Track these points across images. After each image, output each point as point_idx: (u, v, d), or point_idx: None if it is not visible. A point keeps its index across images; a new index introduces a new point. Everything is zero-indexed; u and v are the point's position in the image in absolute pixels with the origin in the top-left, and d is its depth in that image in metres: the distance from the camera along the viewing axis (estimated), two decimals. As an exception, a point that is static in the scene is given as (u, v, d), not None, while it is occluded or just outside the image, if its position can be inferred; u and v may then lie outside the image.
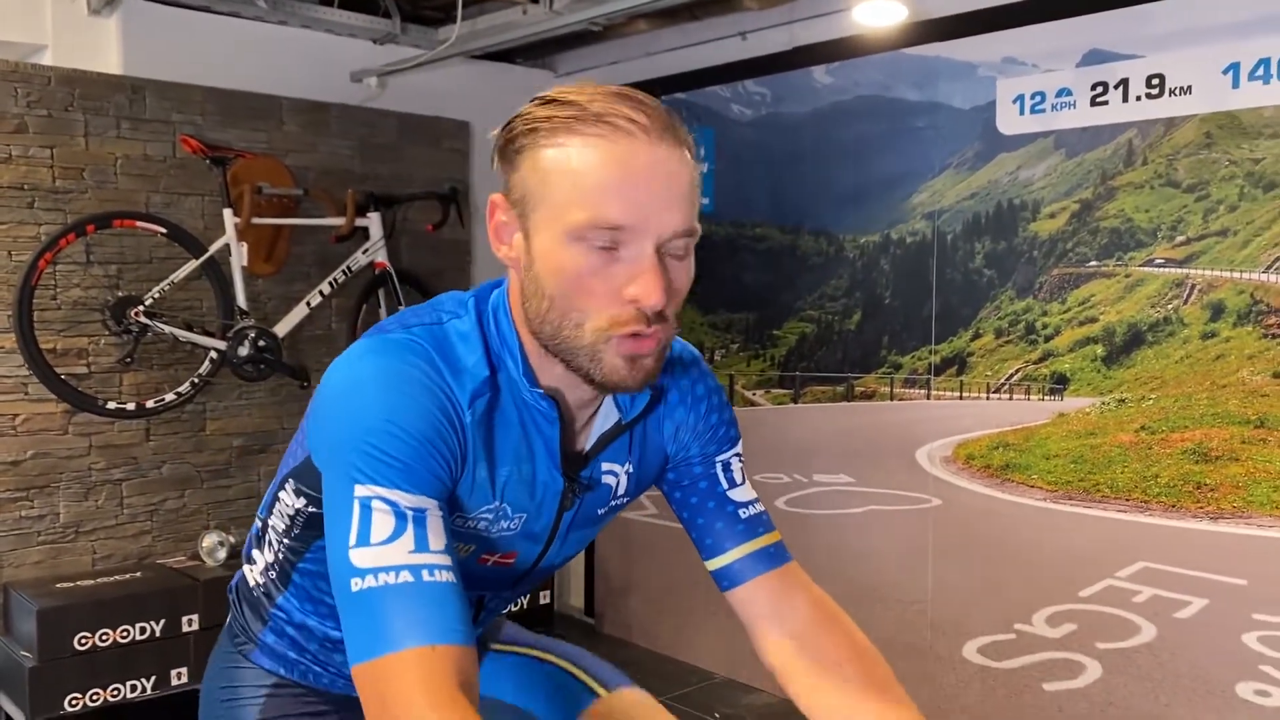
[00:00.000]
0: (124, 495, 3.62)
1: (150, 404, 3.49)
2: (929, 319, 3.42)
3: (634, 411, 1.18)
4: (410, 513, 0.97)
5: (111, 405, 3.41)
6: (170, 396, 3.53)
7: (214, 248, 3.50)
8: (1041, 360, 3.17)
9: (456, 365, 1.06)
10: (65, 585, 3.33)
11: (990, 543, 3.27)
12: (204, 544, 3.60)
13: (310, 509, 1.15)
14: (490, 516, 1.12)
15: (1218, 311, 2.81)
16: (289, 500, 1.18)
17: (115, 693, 3.24)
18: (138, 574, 3.49)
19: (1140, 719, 2.91)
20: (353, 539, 0.95)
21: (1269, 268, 2.71)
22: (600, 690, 1.41)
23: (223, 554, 3.60)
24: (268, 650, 1.30)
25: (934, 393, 3.43)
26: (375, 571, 0.93)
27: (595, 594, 4.59)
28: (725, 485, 1.24)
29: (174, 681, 3.35)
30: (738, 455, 1.28)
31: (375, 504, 0.96)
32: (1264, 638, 2.72)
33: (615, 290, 1.00)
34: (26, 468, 3.42)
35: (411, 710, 0.88)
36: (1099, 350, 3.04)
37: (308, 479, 1.12)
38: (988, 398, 3.29)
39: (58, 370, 3.35)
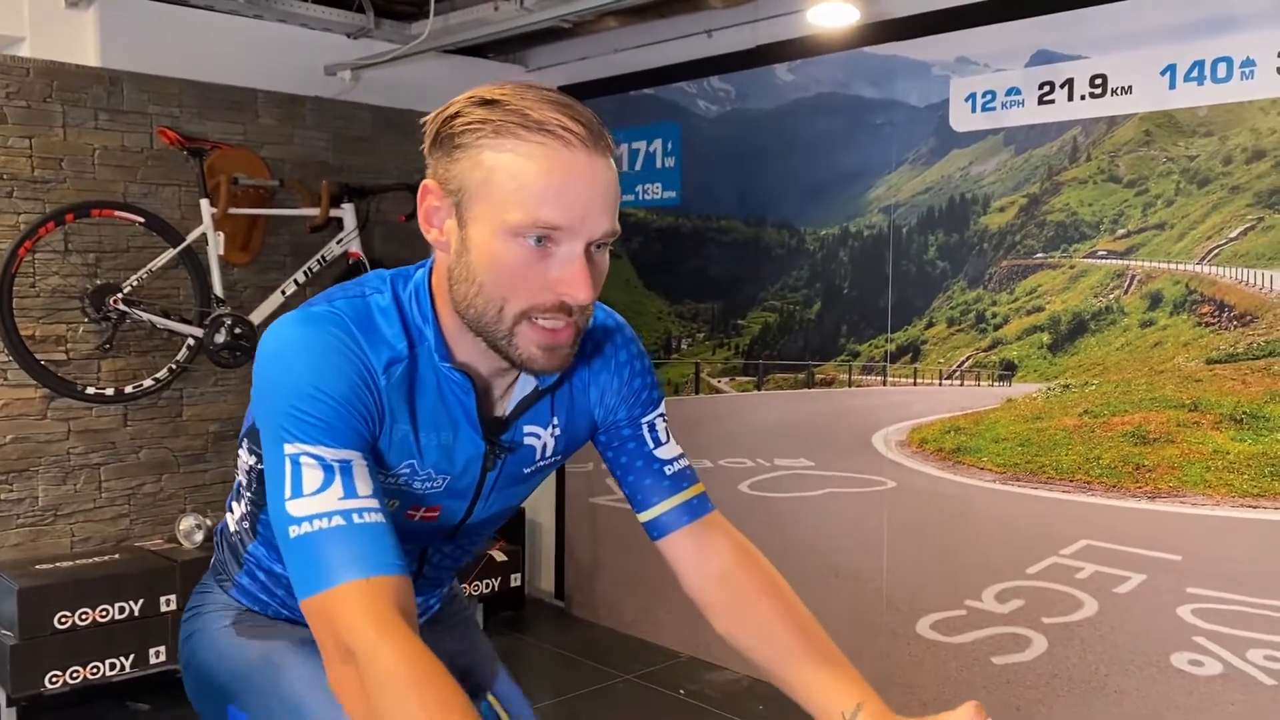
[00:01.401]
0: (102, 479, 3.70)
1: (128, 390, 3.57)
2: (885, 309, 3.55)
3: (550, 379, 1.27)
4: (336, 464, 1.07)
5: (90, 390, 3.49)
6: (148, 382, 3.62)
7: (191, 237, 3.58)
8: (991, 348, 3.31)
9: (373, 335, 1.15)
10: (45, 566, 3.41)
11: (942, 523, 3.41)
12: (181, 527, 3.69)
13: (260, 467, 1.24)
14: (408, 472, 1.21)
15: (1156, 301, 2.95)
16: (245, 459, 1.30)
17: (95, 671, 3.32)
18: (116, 556, 3.57)
19: (1083, 689, 3.06)
20: (287, 491, 1.06)
21: (1203, 259, 2.85)
22: None
23: (199, 536, 3.68)
24: (242, 589, 1.40)
25: (890, 379, 3.57)
26: (310, 519, 1.04)
27: (565, 578, 4.70)
28: (651, 444, 1.34)
29: (152, 660, 3.43)
30: (662, 416, 1.37)
31: (304, 459, 1.06)
32: (1197, 610, 2.87)
33: (545, 283, 1.10)
34: (6, 452, 3.49)
35: (357, 634, 0.98)
36: (1045, 338, 3.19)
37: (257, 439, 1.21)
38: (940, 384, 3.43)
39: (37, 356, 3.42)
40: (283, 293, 3.80)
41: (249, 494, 1.33)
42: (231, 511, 1.42)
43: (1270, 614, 2.73)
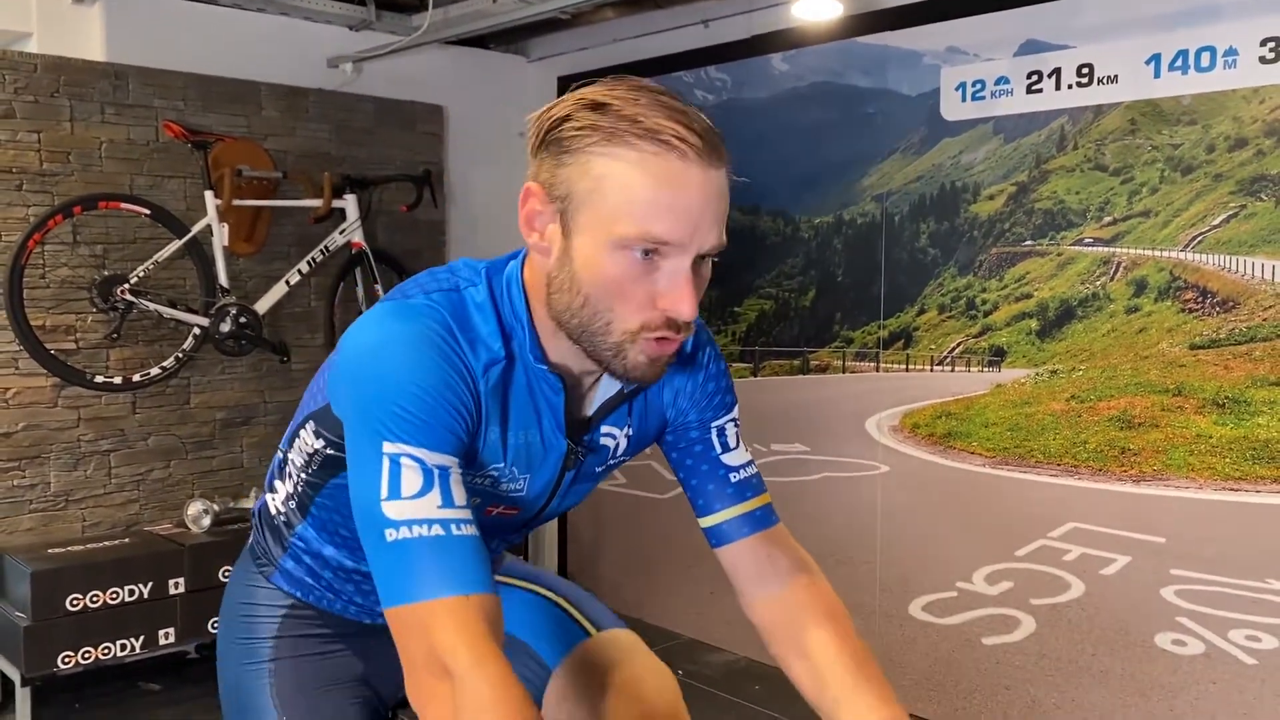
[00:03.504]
0: (112, 465, 3.78)
1: (136, 378, 3.65)
2: (878, 296, 3.60)
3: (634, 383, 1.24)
4: (436, 470, 1.04)
5: (99, 379, 3.57)
6: (155, 371, 3.69)
7: (196, 228, 3.65)
8: (981, 334, 3.35)
9: (472, 334, 1.12)
10: (57, 550, 3.50)
11: (934, 506, 3.47)
12: (189, 512, 3.77)
13: (328, 451, 1.23)
14: (496, 474, 1.19)
15: (1141, 288, 3.00)
16: (308, 440, 1.26)
17: (106, 651, 3.40)
18: (126, 540, 3.66)
19: (1069, 669, 3.12)
20: (384, 492, 1.02)
21: (1187, 246, 2.90)
22: (591, 629, 1.50)
23: (207, 521, 3.76)
24: (285, 574, 1.40)
25: (883, 365, 3.62)
26: (409, 524, 1.01)
27: (568, 562, 4.78)
28: (719, 450, 1.30)
29: (161, 641, 3.52)
30: (733, 420, 1.33)
31: (404, 460, 1.03)
32: (1180, 591, 2.92)
33: (649, 298, 1.06)
34: (18, 439, 3.57)
35: (456, 656, 0.97)
36: (1033, 324, 3.23)
37: (327, 424, 1.20)
38: (932, 370, 3.48)
39: (47, 346, 3.50)
40: (287, 283, 3.87)
41: (304, 476, 1.30)
42: (274, 491, 1.39)
43: (1250, 594, 2.78)
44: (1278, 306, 2.73)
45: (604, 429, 1.26)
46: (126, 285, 3.54)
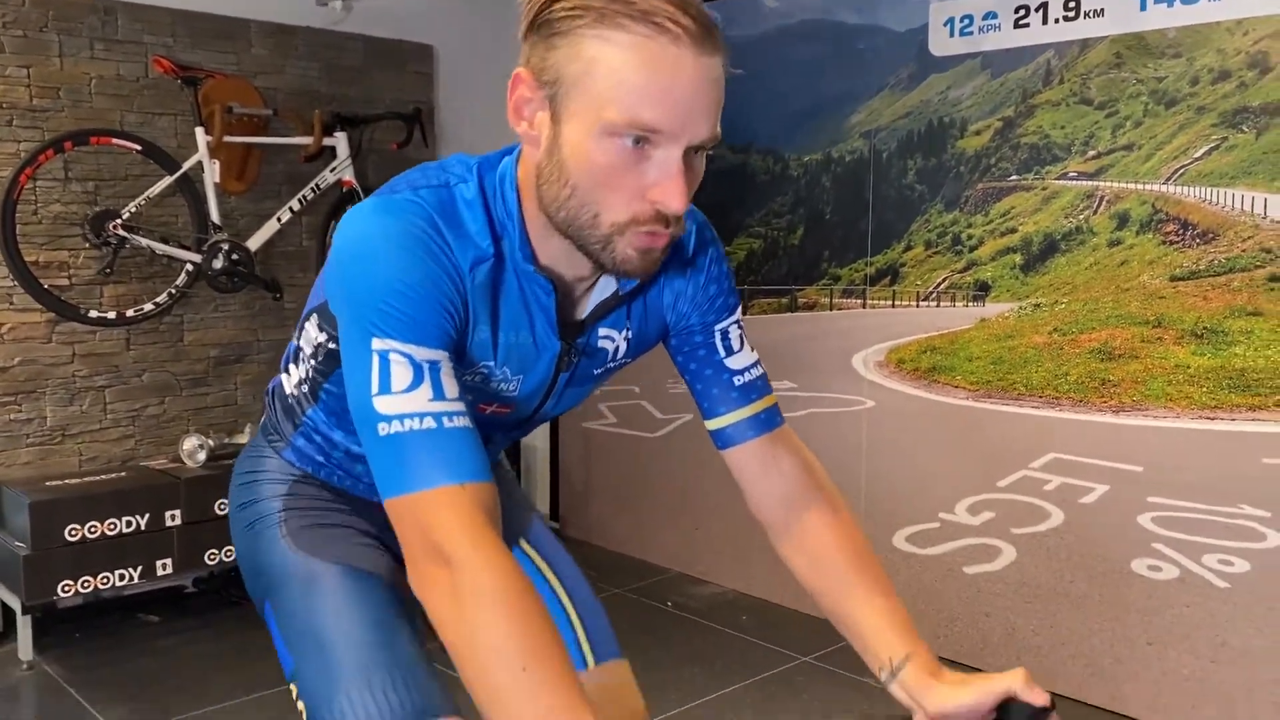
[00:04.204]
0: (107, 401, 3.82)
1: (130, 313, 3.68)
2: (865, 233, 3.63)
3: (630, 284, 1.22)
4: (425, 365, 1.04)
5: (93, 314, 3.60)
6: (149, 307, 3.72)
7: (187, 164, 3.67)
8: (966, 269, 3.39)
9: (459, 231, 1.10)
10: (54, 483, 3.55)
11: (918, 440, 3.53)
12: (184, 447, 3.81)
13: (330, 344, 1.25)
14: (486, 373, 1.19)
15: (1123, 221, 3.03)
16: (313, 332, 1.29)
17: (105, 581, 3.47)
18: (122, 474, 3.71)
19: (1048, 595, 3.19)
20: (375, 387, 1.02)
21: (1169, 179, 2.93)
22: (590, 659, 1.48)
23: (202, 456, 3.81)
24: (297, 451, 1.42)
25: (869, 302, 3.66)
26: (400, 418, 1.01)
27: (559, 501, 4.85)
28: (722, 353, 1.28)
29: (159, 572, 3.59)
30: (736, 323, 1.31)
31: (393, 356, 1.03)
32: (1157, 518, 2.99)
33: (639, 188, 1.04)
34: (14, 374, 3.61)
35: (454, 542, 0.98)
36: (1017, 259, 3.27)
37: (327, 319, 1.21)
38: (918, 305, 3.53)
39: (41, 281, 3.53)
40: (278, 220, 3.89)
41: (313, 364, 1.32)
42: (288, 373, 1.41)
43: (1223, 520, 2.85)
44: (1256, 238, 2.78)
45: (601, 331, 1.25)
46: (119, 220, 3.56)
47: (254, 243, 3.81)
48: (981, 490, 3.36)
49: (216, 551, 3.68)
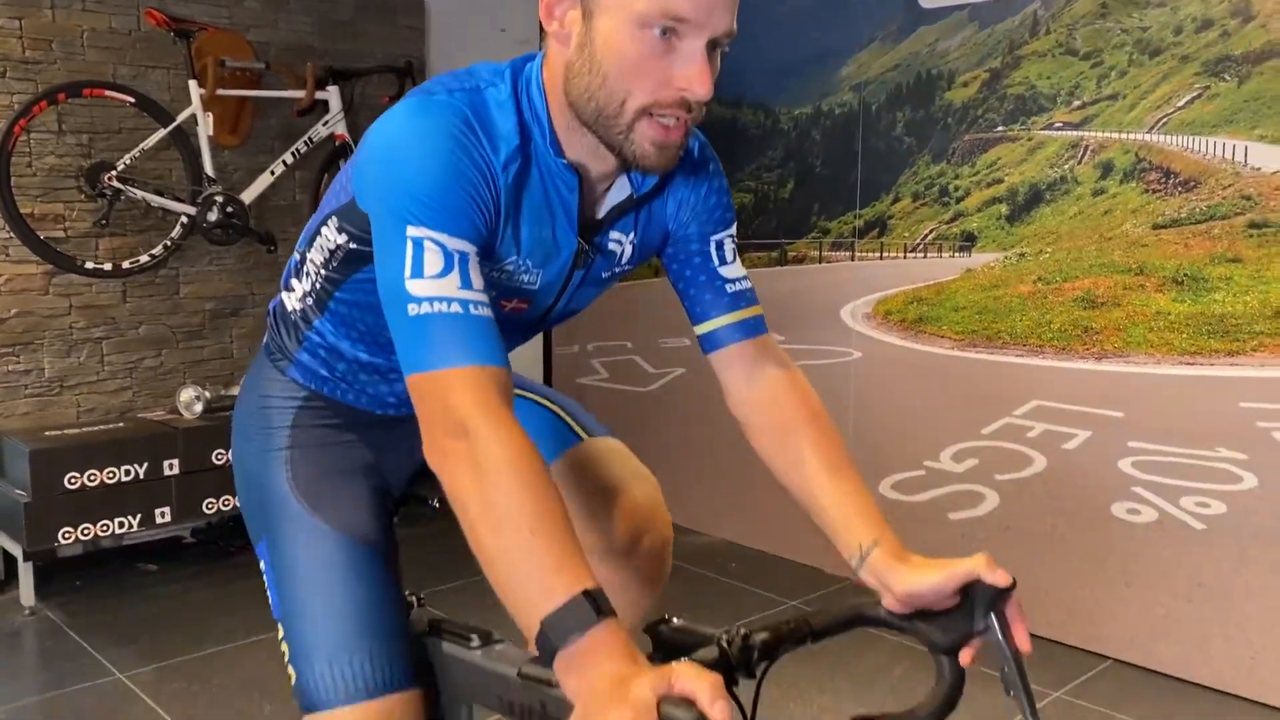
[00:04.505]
0: (104, 353, 3.86)
1: (126, 265, 3.72)
2: (855, 185, 3.67)
3: (645, 188, 1.30)
4: (456, 254, 1.10)
5: (90, 265, 3.64)
6: (145, 259, 3.76)
7: (181, 117, 3.69)
8: (953, 220, 3.44)
9: (492, 130, 1.17)
10: (53, 433, 3.60)
11: (904, 390, 3.58)
12: (181, 398, 3.86)
13: (351, 245, 1.28)
14: (511, 268, 1.25)
15: (1107, 170, 3.07)
16: (331, 236, 1.32)
17: (105, 529, 3.52)
18: (120, 424, 3.76)
19: (1031, 539, 3.26)
20: (408, 271, 1.08)
21: (1152, 128, 2.97)
22: (583, 435, 1.59)
23: (199, 408, 3.86)
24: (301, 367, 1.46)
25: (858, 255, 3.71)
26: (430, 300, 1.07)
27: (552, 454, 4.90)
28: (717, 262, 1.36)
29: (158, 520, 3.64)
30: (731, 236, 1.40)
31: (427, 243, 1.09)
32: (1137, 463, 3.05)
33: (666, 77, 1.11)
34: (11, 325, 3.65)
35: (469, 416, 1.03)
36: (1003, 209, 3.31)
37: (352, 219, 1.25)
38: (905, 257, 3.57)
39: (38, 233, 3.55)
40: (271, 173, 3.91)
41: (326, 271, 1.36)
42: (290, 290, 1.45)
43: (1201, 463, 2.91)
44: (1236, 185, 2.82)
45: (612, 234, 1.32)
46: (114, 172, 3.58)
47: (248, 196, 3.84)
48: (966, 438, 3.42)
49: (214, 501, 3.74)
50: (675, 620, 1.03)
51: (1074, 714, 2.78)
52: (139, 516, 3.59)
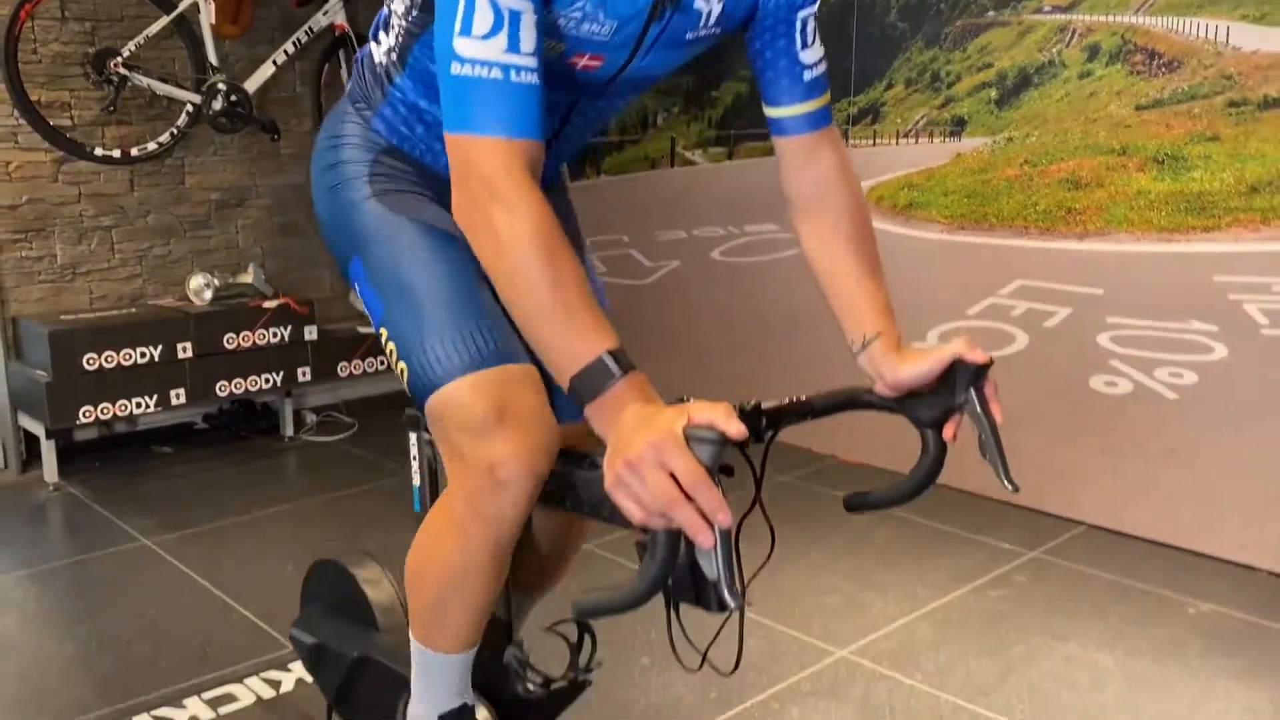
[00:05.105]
0: (114, 241, 3.95)
1: (134, 152, 3.79)
2: (849, 72, 3.74)
3: None
4: (507, 12, 1.08)
5: (99, 152, 3.71)
6: (152, 146, 3.83)
7: (183, 4, 3.72)
8: (944, 105, 3.52)
9: None
10: (69, 317, 3.71)
11: (893, 274, 3.63)
12: (191, 285, 3.96)
13: None
14: (579, 16, 1.20)
15: (1094, 53, 3.15)
16: None
17: (123, 409, 3.66)
18: (133, 310, 3.87)
19: (1011, 416, 3.37)
20: (458, 27, 1.08)
21: (1138, 10, 3.04)
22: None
23: (209, 294, 3.96)
24: (383, 119, 1.47)
25: (852, 142, 3.79)
26: (474, 62, 1.07)
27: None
28: (799, 44, 1.34)
29: (173, 402, 3.78)
30: (814, 15, 1.36)
31: (479, 0, 1.08)
32: (1114, 337, 3.19)
33: None
34: (23, 212, 3.73)
35: (495, 184, 1.06)
36: (993, 94, 3.40)
37: None
38: (897, 143, 3.66)
39: (47, 119, 3.62)
40: (274, 63, 3.96)
41: (405, 23, 1.35)
42: (378, 42, 1.45)
43: (1175, 335, 3.05)
44: (1217, 65, 2.91)
45: None
46: (119, 59, 3.63)
47: (251, 85, 3.90)
48: (952, 318, 3.55)
49: (226, 384, 3.87)
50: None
51: (1048, 570, 2.96)
52: (155, 397, 3.72)
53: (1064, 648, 2.53)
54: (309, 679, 2.36)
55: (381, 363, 4.29)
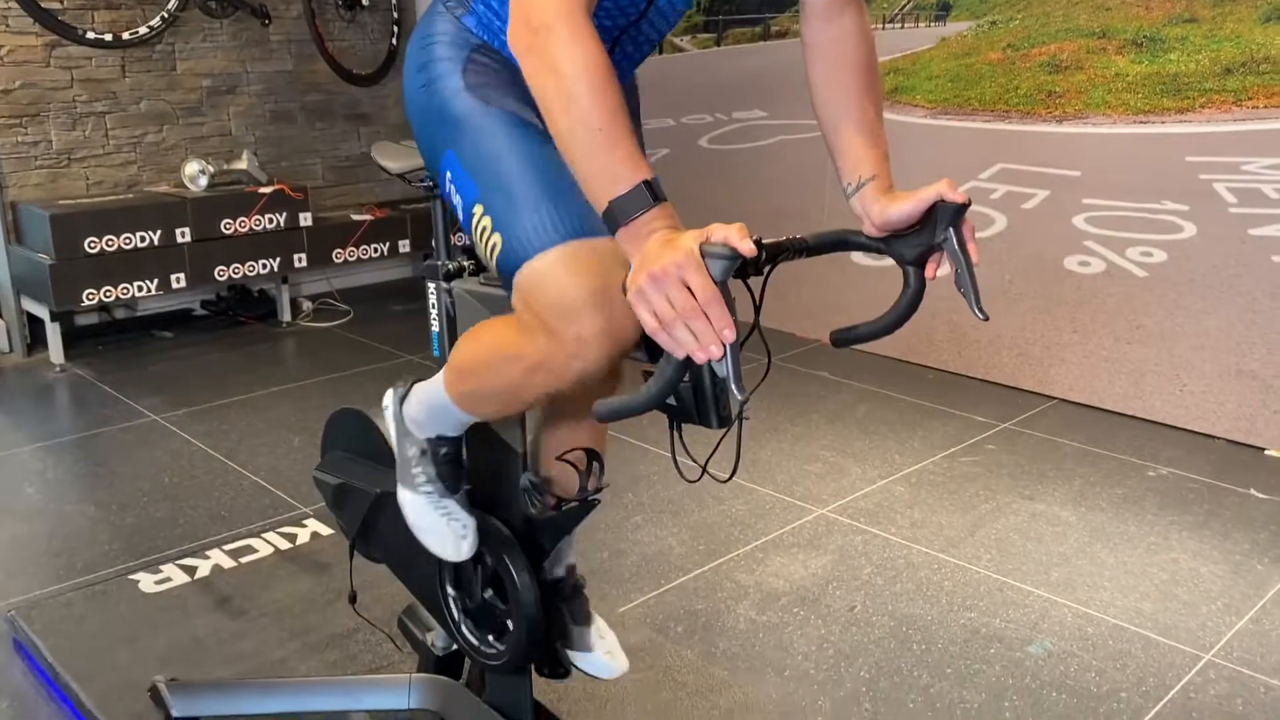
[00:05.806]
0: (108, 127, 3.99)
1: (126, 36, 3.80)
2: (836, -43, 3.76)
3: None
4: None
5: (90, 35, 3.72)
6: (143, 30, 3.84)
7: (169, -115, 3.70)
8: (930, -11, 3.56)
9: None
10: (68, 202, 3.76)
11: (879, 158, 3.77)
12: (187, 171, 4.01)
13: None
14: None
15: (1078, -65, 3.20)
16: None
17: (125, 291, 3.74)
18: (130, 196, 3.92)
19: (988, 295, 3.52)
20: None
21: (1123, -108, 3.08)
22: None
23: (204, 181, 4.01)
24: (476, 17, 1.52)
25: (838, 27, 3.83)
26: None
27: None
28: None
29: (174, 286, 3.86)
30: None
31: None
32: (1089, 218, 3.30)
33: None
34: (16, 96, 3.75)
35: (551, 14, 1.13)
36: (978, -23, 3.44)
37: None
38: (884, 28, 3.71)
39: (37, 1, 3.62)
40: (262, -54, 3.95)
41: None
42: None
43: (1146, 215, 3.16)
44: (1198, -54, 2.96)
45: None
46: (107, -60, 3.62)
47: (240, -32, 3.89)
48: (934, 202, 3.64)
49: (224, 268, 3.95)
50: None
51: (1019, 440, 3.12)
52: (156, 281, 3.80)
53: (1030, 505, 2.70)
54: (324, 532, 2.52)
55: (375, 250, 4.36)
